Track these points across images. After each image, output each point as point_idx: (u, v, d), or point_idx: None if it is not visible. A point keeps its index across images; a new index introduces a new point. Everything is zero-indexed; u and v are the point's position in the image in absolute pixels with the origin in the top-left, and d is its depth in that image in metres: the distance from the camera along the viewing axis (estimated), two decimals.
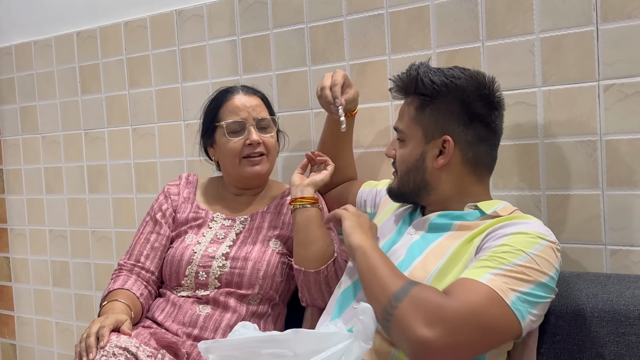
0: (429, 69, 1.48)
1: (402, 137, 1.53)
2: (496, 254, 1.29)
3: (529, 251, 1.29)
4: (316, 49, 2.10)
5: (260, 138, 1.84)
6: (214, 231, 1.87)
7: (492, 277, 1.25)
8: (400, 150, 1.53)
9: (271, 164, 1.89)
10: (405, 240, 1.50)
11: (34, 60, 2.86)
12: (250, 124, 1.84)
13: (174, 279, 1.84)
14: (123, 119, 2.60)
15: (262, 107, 1.88)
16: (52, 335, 2.93)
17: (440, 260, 1.38)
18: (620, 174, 1.63)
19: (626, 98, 1.61)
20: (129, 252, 1.90)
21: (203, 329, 1.74)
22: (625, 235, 1.63)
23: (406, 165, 1.51)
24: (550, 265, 1.31)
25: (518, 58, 1.74)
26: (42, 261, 2.94)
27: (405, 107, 1.53)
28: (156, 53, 2.48)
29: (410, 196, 1.55)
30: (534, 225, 1.36)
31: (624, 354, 1.39)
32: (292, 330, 1.31)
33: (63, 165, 2.82)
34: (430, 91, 1.46)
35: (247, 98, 1.87)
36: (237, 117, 1.84)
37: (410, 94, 1.51)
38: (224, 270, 1.79)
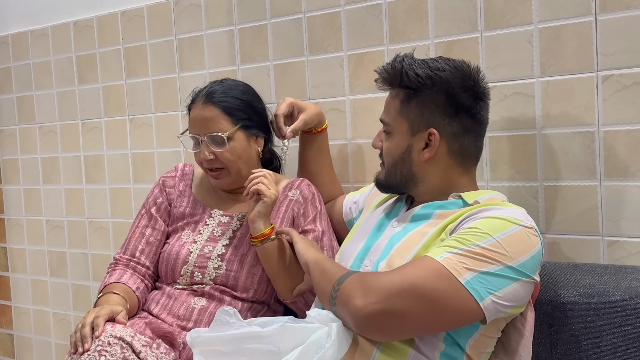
0: (413, 61, 1.47)
1: (388, 129, 1.52)
2: (461, 235, 1.30)
3: (495, 235, 1.28)
4: (314, 39, 2.09)
5: (212, 154, 1.78)
6: (211, 228, 1.85)
7: (449, 255, 1.26)
8: (387, 142, 1.53)
9: (237, 173, 1.81)
10: (387, 233, 1.50)
11: (31, 49, 2.85)
12: (201, 139, 1.79)
13: (169, 277, 1.84)
14: (120, 109, 2.60)
15: (216, 120, 1.78)
16: (50, 325, 2.93)
17: (415, 247, 1.39)
18: (618, 165, 1.62)
19: (624, 89, 1.60)
20: (124, 247, 1.89)
21: (197, 322, 1.74)
22: (622, 227, 1.63)
23: (392, 158, 1.51)
24: (521, 250, 1.29)
25: (516, 48, 1.73)
26: (39, 251, 2.94)
27: (391, 99, 1.52)
28: (153, 43, 2.47)
29: (398, 188, 1.55)
30: (509, 211, 1.36)
31: (620, 345, 1.40)
32: (278, 325, 1.32)
33: (60, 156, 2.81)
34: (415, 84, 1.45)
35: (202, 110, 1.79)
36: (191, 132, 1.82)
37: (395, 87, 1.50)
38: (219, 272, 1.78)
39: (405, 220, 1.50)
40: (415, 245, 1.39)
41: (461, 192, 1.46)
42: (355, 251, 1.54)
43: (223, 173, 1.82)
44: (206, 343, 1.34)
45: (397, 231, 1.48)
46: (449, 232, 1.36)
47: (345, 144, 2.05)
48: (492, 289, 1.25)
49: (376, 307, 1.24)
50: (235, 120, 1.79)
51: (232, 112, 1.79)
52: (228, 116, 1.79)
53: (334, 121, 2.06)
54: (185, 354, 1.65)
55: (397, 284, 1.25)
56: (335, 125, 2.05)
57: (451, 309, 1.25)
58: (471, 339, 1.35)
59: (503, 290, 1.27)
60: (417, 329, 1.29)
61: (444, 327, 1.31)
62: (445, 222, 1.39)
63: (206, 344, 1.33)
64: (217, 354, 1.32)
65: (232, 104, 1.80)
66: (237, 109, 1.80)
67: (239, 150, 1.80)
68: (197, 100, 1.82)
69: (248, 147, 1.83)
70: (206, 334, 1.35)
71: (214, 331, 1.35)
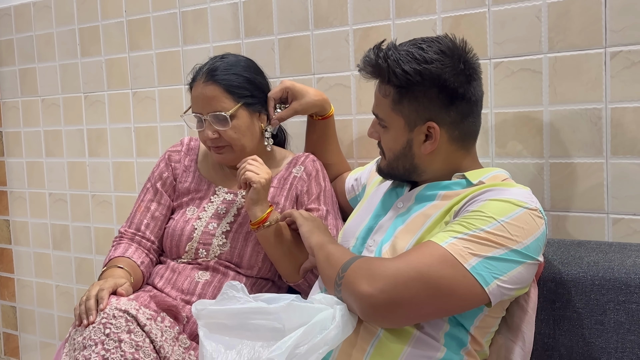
0: (399, 55, 1.39)
1: (383, 123, 1.47)
2: (465, 219, 1.29)
3: (500, 218, 1.27)
4: (319, 13, 2.07)
5: (216, 133, 1.77)
6: (216, 205, 1.85)
7: (453, 240, 1.25)
8: (385, 136, 1.48)
9: (241, 150, 1.79)
10: (391, 214, 1.49)
11: (34, 21, 2.83)
12: (204, 118, 1.78)
13: (174, 252, 1.84)
14: (123, 83, 2.58)
15: (218, 98, 1.75)
16: (52, 298, 2.94)
17: (420, 229, 1.38)
18: (625, 142, 1.61)
19: (633, 65, 1.59)
20: (129, 220, 1.89)
21: (201, 295, 1.74)
22: (627, 204, 1.62)
23: (393, 152, 1.47)
24: (525, 233, 1.28)
25: (524, 24, 1.72)
26: (42, 224, 2.94)
27: (381, 97, 1.45)
28: (157, 15, 2.45)
29: (401, 177, 1.52)
30: (513, 193, 1.33)
31: (624, 322, 1.40)
32: (284, 302, 1.31)
33: (63, 129, 2.80)
34: (405, 82, 1.39)
35: (204, 88, 1.76)
36: (194, 110, 1.80)
37: (383, 83, 1.44)
38: (224, 249, 1.78)
39: (409, 200, 1.48)
40: (419, 228, 1.38)
41: (465, 172, 1.45)
42: (358, 230, 1.54)
43: (226, 150, 1.80)
44: (211, 316, 1.34)
45: (401, 212, 1.47)
46: (454, 215, 1.35)
47: (350, 119, 2.04)
48: (497, 273, 1.25)
49: (382, 295, 1.23)
50: (237, 98, 1.77)
51: (234, 89, 1.77)
52: (230, 94, 1.76)
53: (338, 96, 2.04)
54: (189, 327, 1.65)
55: (404, 271, 1.24)
56: (340, 100, 2.04)
57: (457, 295, 1.25)
58: (476, 319, 1.35)
59: (508, 274, 1.26)
60: (423, 315, 1.29)
61: (449, 313, 1.31)
62: (449, 204, 1.38)
63: (211, 317, 1.33)
64: (221, 327, 1.32)
65: (233, 82, 1.77)
66: (239, 87, 1.78)
67: (242, 128, 1.78)
68: (198, 78, 1.79)
69: (251, 124, 1.81)
70: (212, 307, 1.34)
71: (220, 304, 1.35)
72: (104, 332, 1.43)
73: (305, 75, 2.11)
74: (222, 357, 1.27)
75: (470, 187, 1.40)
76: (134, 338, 1.44)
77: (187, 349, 1.56)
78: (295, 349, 1.21)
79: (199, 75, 1.80)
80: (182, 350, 1.54)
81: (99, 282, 1.59)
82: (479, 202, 1.32)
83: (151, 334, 1.46)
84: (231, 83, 1.77)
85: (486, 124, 1.79)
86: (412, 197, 1.48)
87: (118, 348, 1.41)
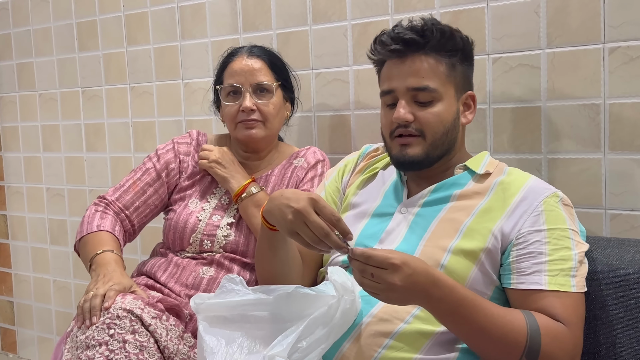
0: (442, 25, 1.46)
1: (432, 97, 1.42)
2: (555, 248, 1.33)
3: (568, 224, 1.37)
4: (317, 7, 2.07)
5: (255, 105, 1.78)
6: (219, 197, 1.85)
7: (574, 281, 1.32)
8: (431, 109, 1.42)
9: (270, 130, 1.83)
10: (398, 219, 1.47)
11: (31, 15, 2.82)
12: (245, 89, 1.79)
13: (177, 245, 1.83)
14: (121, 77, 2.58)
15: (263, 72, 1.81)
16: (50, 293, 2.94)
17: (455, 236, 1.37)
18: (623, 138, 1.61)
19: (631, 61, 1.59)
20: (119, 191, 1.84)
21: (206, 291, 1.73)
22: (625, 200, 1.63)
23: (444, 125, 1.44)
24: (574, 219, 1.41)
25: (523, 19, 1.72)
26: (40, 219, 2.93)
27: (429, 67, 1.42)
28: (155, 10, 2.44)
29: (433, 161, 1.46)
30: (544, 188, 1.42)
31: (622, 317, 1.40)
32: (284, 292, 1.30)
33: (60, 123, 2.80)
34: (462, 47, 1.46)
35: (248, 61, 1.82)
36: (233, 81, 1.81)
37: (432, 51, 1.42)
38: (228, 239, 1.78)
39: (414, 205, 1.46)
40: (453, 236, 1.37)
41: (463, 161, 1.48)
42: (355, 235, 1.47)
43: (259, 125, 1.81)
44: (210, 309, 1.33)
45: (412, 218, 1.45)
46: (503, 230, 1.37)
47: (348, 114, 2.04)
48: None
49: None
50: (277, 77, 1.85)
51: (275, 68, 1.85)
52: (272, 71, 1.84)
53: (337, 92, 2.04)
54: (191, 325, 1.64)
55: (579, 337, 1.30)
56: (338, 95, 2.04)
57: None
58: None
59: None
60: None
61: None
62: (482, 207, 1.40)
63: (210, 310, 1.33)
64: (221, 321, 1.31)
65: (275, 61, 1.87)
66: (279, 67, 1.87)
67: (277, 106, 1.84)
68: (239, 53, 1.85)
69: (282, 108, 1.87)
70: (210, 300, 1.34)
71: (219, 297, 1.34)
72: (108, 332, 1.42)
73: (304, 70, 2.10)
74: (222, 350, 1.27)
75: (479, 178, 1.45)
76: (138, 338, 1.43)
77: (192, 348, 1.55)
78: (297, 343, 1.21)
79: (241, 52, 1.85)
80: (187, 349, 1.53)
81: (105, 279, 1.57)
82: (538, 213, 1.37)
83: (156, 334, 1.46)
84: (274, 62, 1.86)
85: (484, 119, 1.79)
86: (417, 202, 1.47)
87: (122, 349, 1.40)
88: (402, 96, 1.43)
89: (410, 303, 1.24)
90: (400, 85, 1.43)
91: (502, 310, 1.27)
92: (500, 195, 1.40)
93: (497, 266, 1.36)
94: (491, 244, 1.35)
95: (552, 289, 1.29)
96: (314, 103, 2.10)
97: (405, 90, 1.43)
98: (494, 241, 1.35)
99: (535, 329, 1.25)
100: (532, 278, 1.31)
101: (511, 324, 1.25)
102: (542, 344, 1.24)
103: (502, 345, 1.25)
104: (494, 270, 1.36)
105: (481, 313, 1.24)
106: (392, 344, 1.30)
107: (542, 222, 1.35)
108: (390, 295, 1.20)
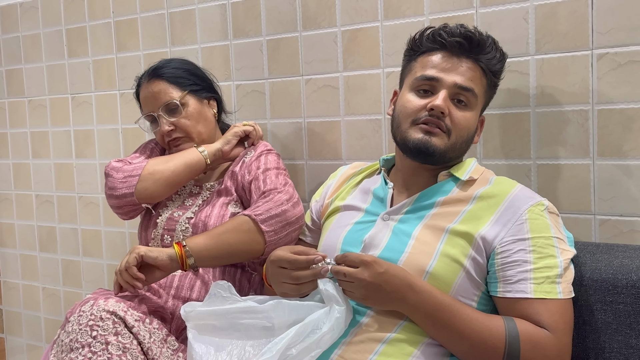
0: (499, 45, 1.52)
1: (468, 100, 1.45)
2: (541, 257, 1.34)
3: (553, 233, 1.37)
4: (307, 14, 2.07)
5: (172, 124, 1.84)
6: (182, 198, 1.89)
7: (560, 287, 1.32)
8: (463, 113, 1.45)
9: (198, 137, 1.87)
10: (380, 226, 1.47)
11: (20, 22, 2.82)
12: (158, 114, 1.85)
13: (143, 240, 1.88)
14: (110, 83, 2.57)
15: (164, 91, 1.85)
16: (39, 300, 2.92)
17: (439, 241, 1.38)
18: (611, 143, 1.62)
19: (619, 67, 1.60)
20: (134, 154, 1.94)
21: (179, 288, 1.73)
22: (614, 205, 1.63)
23: (468, 131, 1.47)
24: (560, 226, 1.41)
25: (511, 26, 1.72)
26: (29, 226, 2.92)
27: (478, 74, 1.46)
28: (144, 16, 2.44)
29: (443, 160, 1.46)
30: (529, 196, 1.42)
31: (611, 322, 1.40)
32: (274, 301, 1.31)
33: (50, 130, 2.79)
34: (500, 73, 1.51)
35: (149, 87, 1.87)
36: (146, 111, 1.88)
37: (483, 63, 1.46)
38: (186, 234, 1.78)
39: (398, 212, 1.47)
40: (437, 241, 1.38)
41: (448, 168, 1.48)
42: (338, 241, 1.50)
43: (183, 140, 1.86)
44: (200, 317, 1.33)
45: (394, 224, 1.45)
46: (496, 219, 1.38)
47: (338, 120, 2.04)
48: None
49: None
50: (183, 87, 1.87)
51: (177, 80, 1.87)
52: (175, 85, 1.86)
53: (327, 98, 2.04)
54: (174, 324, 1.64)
55: (565, 344, 1.30)
56: (328, 102, 2.04)
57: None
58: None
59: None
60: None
61: None
62: (466, 214, 1.40)
63: (200, 318, 1.33)
64: (210, 329, 1.31)
65: (175, 73, 1.87)
66: (181, 77, 1.88)
67: (195, 114, 1.86)
68: (142, 81, 1.90)
69: (202, 110, 1.89)
70: (200, 308, 1.34)
71: (208, 305, 1.34)
72: (90, 334, 1.42)
73: (294, 76, 2.10)
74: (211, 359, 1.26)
75: (463, 185, 1.45)
76: (121, 340, 1.43)
77: (176, 351, 1.55)
78: (287, 350, 1.21)
79: (143, 79, 1.89)
80: (171, 352, 1.53)
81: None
82: (523, 220, 1.37)
83: (139, 336, 1.46)
84: (174, 74, 1.87)
85: None
86: (400, 210, 1.47)
87: (105, 350, 1.41)
88: (447, 88, 1.43)
89: (387, 304, 1.30)
90: (449, 78, 1.44)
91: (481, 316, 1.30)
92: (484, 203, 1.41)
93: (484, 272, 1.36)
94: (475, 250, 1.35)
95: (538, 297, 1.30)
96: (304, 109, 2.10)
97: (452, 85, 1.43)
98: (478, 247, 1.35)
99: (515, 335, 1.26)
100: (518, 286, 1.32)
101: (489, 329, 1.27)
102: (522, 350, 1.26)
103: (480, 351, 1.27)
104: (481, 277, 1.36)
105: (459, 318, 1.28)
106: (383, 350, 1.30)
107: (526, 230, 1.35)
108: (363, 292, 1.28)
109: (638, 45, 1.57)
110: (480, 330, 1.27)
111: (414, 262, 1.36)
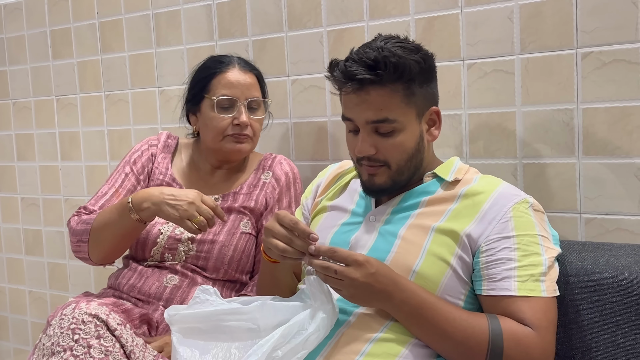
0: (395, 50, 1.36)
1: (391, 127, 1.38)
2: (526, 255, 1.33)
3: (537, 231, 1.37)
4: (293, 14, 2.06)
5: (249, 120, 1.79)
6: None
7: (544, 285, 1.32)
8: (392, 140, 1.39)
9: (254, 145, 1.85)
10: (367, 227, 1.46)
11: (4, 24, 2.80)
12: (241, 103, 1.79)
13: (139, 255, 1.81)
14: (96, 85, 2.56)
15: (256, 87, 1.83)
16: (26, 304, 2.90)
17: (425, 239, 1.37)
18: (597, 142, 1.62)
19: (604, 66, 1.60)
20: (101, 200, 1.81)
21: (169, 300, 1.72)
22: (600, 204, 1.64)
23: (407, 153, 1.41)
24: (547, 224, 1.42)
25: (496, 25, 1.72)
26: (15, 229, 2.90)
27: (384, 99, 1.36)
28: (129, 17, 2.43)
29: (400, 184, 1.44)
30: (515, 194, 1.41)
31: (597, 321, 1.41)
32: (258, 302, 1.30)
33: (35, 132, 2.77)
34: (417, 70, 1.37)
35: (243, 75, 1.81)
36: (229, 94, 1.78)
37: (388, 82, 1.36)
38: (189, 254, 1.76)
39: (383, 213, 1.46)
40: (423, 242, 1.37)
41: (431, 169, 1.47)
42: (326, 244, 1.46)
43: (248, 140, 1.82)
44: (184, 320, 1.32)
45: (380, 225, 1.45)
46: (480, 219, 1.37)
47: (324, 121, 2.04)
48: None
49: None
50: (263, 93, 1.87)
51: (262, 84, 1.88)
52: (260, 87, 1.86)
53: (313, 98, 2.04)
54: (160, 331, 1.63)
55: (549, 341, 1.30)
56: (314, 102, 2.04)
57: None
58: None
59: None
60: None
61: None
62: (449, 215, 1.39)
63: (184, 322, 1.32)
64: (195, 332, 1.30)
65: (261, 77, 1.88)
66: (263, 82, 1.89)
67: (263, 123, 1.87)
68: (229, 64, 1.82)
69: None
70: (184, 312, 1.33)
71: (193, 308, 1.33)
72: (72, 337, 1.41)
73: (280, 77, 2.10)
74: None
75: (448, 186, 1.44)
76: (103, 343, 1.42)
77: (157, 356, 1.54)
78: (272, 352, 1.20)
79: (231, 63, 1.82)
80: (152, 357, 1.52)
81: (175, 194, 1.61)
82: (507, 219, 1.36)
83: (122, 339, 1.45)
84: (260, 77, 1.87)
85: (460, 125, 1.79)
86: (386, 210, 1.46)
87: (87, 354, 1.39)
88: (362, 128, 1.40)
89: (373, 303, 1.31)
90: (359, 117, 1.39)
91: (464, 314, 1.30)
92: (469, 201, 1.40)
93: (470, 270, 1.36)
94: (461, 248, 1.35)
95: (521, 295, 1.30)
96: (290, 110, 2.09)
97: (364, 123, 1.39)
98: (464, 245, 1.35)
99: (498, 333, 1.27)
100: (502, 284, 1.32)
101: (472, 327, 1.28)
102: (505, 348, 1.26)
103: (464, 349, 1.28)
104: (467, 275, 1.36)
105: (442, 316, 1.28)
106: (369, 351, 1.30)
107: (510, 228, 1.35)
108: (352, 291, 1.27)
109: (622, 44, 1.57)
110: (464, 328, 1.28)
111: (401, 261, 1.36)
